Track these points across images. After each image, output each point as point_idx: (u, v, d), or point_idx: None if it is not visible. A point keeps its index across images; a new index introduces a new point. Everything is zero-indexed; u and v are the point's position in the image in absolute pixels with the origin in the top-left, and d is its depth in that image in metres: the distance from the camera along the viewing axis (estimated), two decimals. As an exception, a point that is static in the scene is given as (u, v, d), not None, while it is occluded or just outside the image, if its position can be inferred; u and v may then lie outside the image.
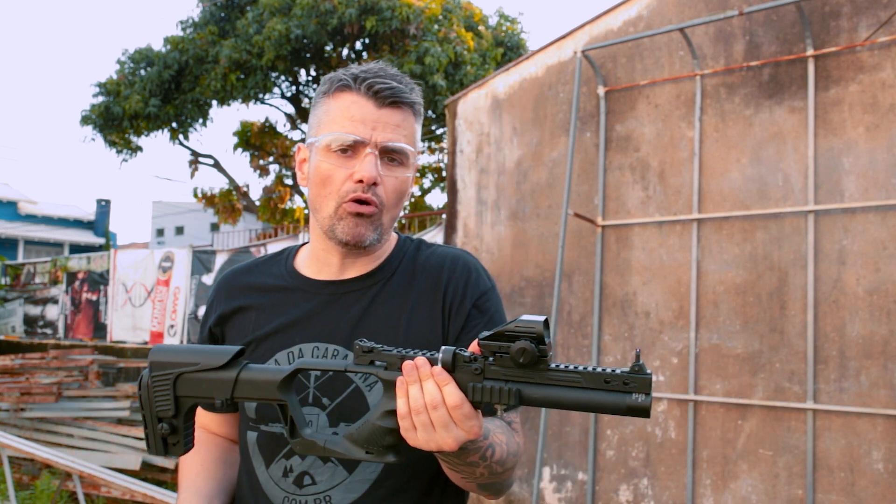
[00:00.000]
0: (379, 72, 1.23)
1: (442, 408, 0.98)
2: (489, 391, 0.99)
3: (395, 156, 1.23)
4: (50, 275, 12.42)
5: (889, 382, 3.42)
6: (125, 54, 15.07)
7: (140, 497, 5.11)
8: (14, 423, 7.43)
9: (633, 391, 0.95)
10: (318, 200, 1.25)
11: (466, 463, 1.09)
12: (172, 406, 1.12)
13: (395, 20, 12.66)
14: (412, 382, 0.99)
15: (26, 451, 5.43)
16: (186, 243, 12.55)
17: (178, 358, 1.13)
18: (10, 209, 28.61)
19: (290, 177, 16.50)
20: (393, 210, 1.26)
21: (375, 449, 1.05)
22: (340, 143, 1.20)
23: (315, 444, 1.08)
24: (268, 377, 1.09)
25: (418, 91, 1.28)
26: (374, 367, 1.05)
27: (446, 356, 1.00)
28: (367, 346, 1.05)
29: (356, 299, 1.28)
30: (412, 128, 1.25)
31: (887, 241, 3.49)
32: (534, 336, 0.96)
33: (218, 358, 1.11)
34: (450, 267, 1.31)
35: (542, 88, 4.72)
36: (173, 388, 1.12)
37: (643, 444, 4.11)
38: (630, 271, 4.25)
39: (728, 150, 3.98)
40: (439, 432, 0.99)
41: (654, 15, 4.27)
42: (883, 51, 3.56)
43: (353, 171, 1.20)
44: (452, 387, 0.98)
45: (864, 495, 3.44)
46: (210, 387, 1.11)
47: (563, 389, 0.97)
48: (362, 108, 1.21)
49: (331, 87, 1.25)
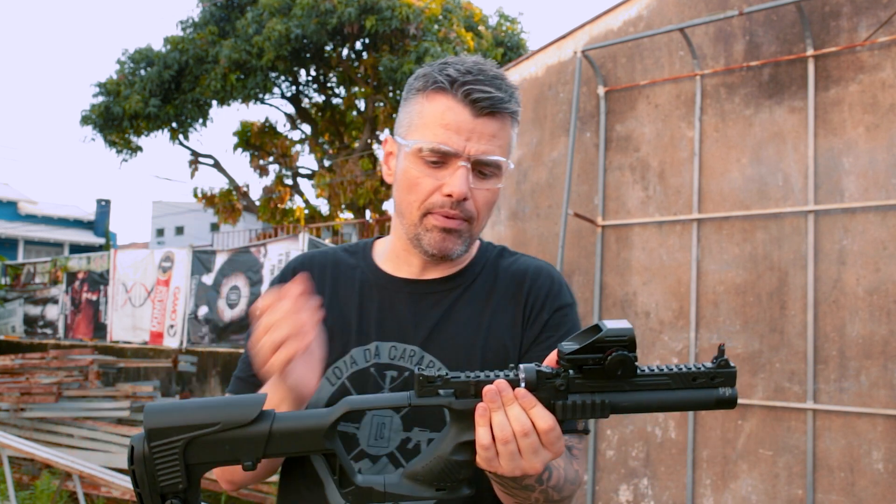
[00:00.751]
0: (479, 75, 1.15)
1: (532, 434, 0.90)
2: (578, 407, 0.93)
3: (487, 169, 1.17)
4: (50, 275, 12.43)
5: (889, 382, 3.42)
6: (125, 54, 15.09)
7: (140, 497, 5.10)
8: (14, 423, 7.43)
9: (720, 385, 0.94)
10: (404, 206, 1.19)
11: (522, 486, 1.02)
12: (183, 478, 0.94)
13: (394, 20, 12.66)
14: (496, 410, 0.91)
15: (26, 451, 5.43)
16: (186, 243, 12.56)
17: (186, 419, 0.93)
18: (10, 209, 28.61)
19: (290, 177, 16.50)
20: (483, 221, 1.21)
21: (448, 485, 0.97)
22: (431, 151, 1.14)
23: (373, 490, 0.96)
24: (309, 426, 0.95)
25: (518, 96, 1.20)
26: (442, 398, 0.94)
27: (530, 375, 0.93)
28: (430, 376, 0.94)
29: (437, 301, 1.23)
30: (508, 137, 1.19)
31: (887, 241, 3.48)
32: (626, 344, 0.92)
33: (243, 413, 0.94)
34: (533, 275, 1.26)
35: (542, 88, 4.72)
36: (182, 456, 0.93)
37: (643, 444, 4.11)
38: (630, 271, 4.25)
39: (728, 150, 3.97)
40: (527, 458, 0.92)
41: (654, 15, 4.27)
42: (883, 51, 3.56)
43: (442, 182, 1.14)
44: (541, 409, 0.91)
45: (864, 495, 3.44)
46: (235, 448, 0.94)
47: (651, 393, 0.94)
48: (458, 115, 1.13)
49: (426, 85, 1.17)
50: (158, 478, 0.93)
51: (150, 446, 0.93)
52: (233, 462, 0.94)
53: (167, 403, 0.97)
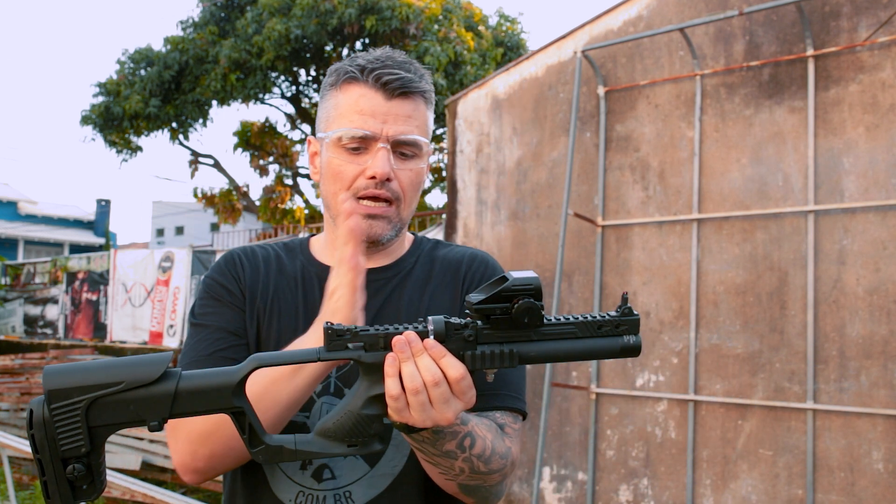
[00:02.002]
0: (387, 61, 1.19)
1: (443, 383, 0.91)
2: (487, 357, 0.94)
3: (408, 149, 1.19)
4: (50, 275, 12.43)
5: (889, 382, 3.42)
6: (125, 54, 15.08)
7: (140, 497, 5.11)
8: (14, 423, 7.43)
9: (624, 333, 0.96)
10: (330, 197, 1.22)
11: (443, 452, 1.02)
12: (86, 441, 0.90)
13: (394, 20, 12.66)
14: (405, 360, 0.92)
15: (26, 451, 5.43)
16: (186, 243, 12.56)
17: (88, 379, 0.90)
18: (10, 209, 28.62)
19: (290, 177, 16.50)
20: (410, 204, 1.23)
21: (360, 440, 0.96)
22: (350, 138, 1.17)
23: (283, 448, 0.95)
24: (217, 383, 0.92)
25: (428, 77, 1.24)
26: (351, 351, 0.93)
27: (438, 326, 0.93)
28: (339, 329, 0.93)
29: (378, 289, 1.25)
30: (424, 117, 1.22)
31: (887, 241, 3.48)
32: (533, 292, 0.93)
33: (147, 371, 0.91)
34: (468, 261, 1.30)
35: (542, 88, 4.72)
36: (85, 418, 0.90)
37: (643, 444, 4.11)
38: (630, 271, 4.25)
39: (728, 150, 3.97)
40: (438, 408, 0.92)
41: (654, 15, 4.27)
42: (883, 51, 3.56)
43: (364, 166, 1.17)
44: (451, 358, 0.92)
45: (864, 495, 3.44)
46: (140, 407, 0.90)
47: (558, 342, 0.95)
48: (371, 100, 1.17)
49: (338, 79, 1.21)
50: (60, 442, 0.90)
51: (50, 409, 0.89)
52: (138, 423, 0.92)
53: (68, 364, 0.93)
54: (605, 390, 4.24)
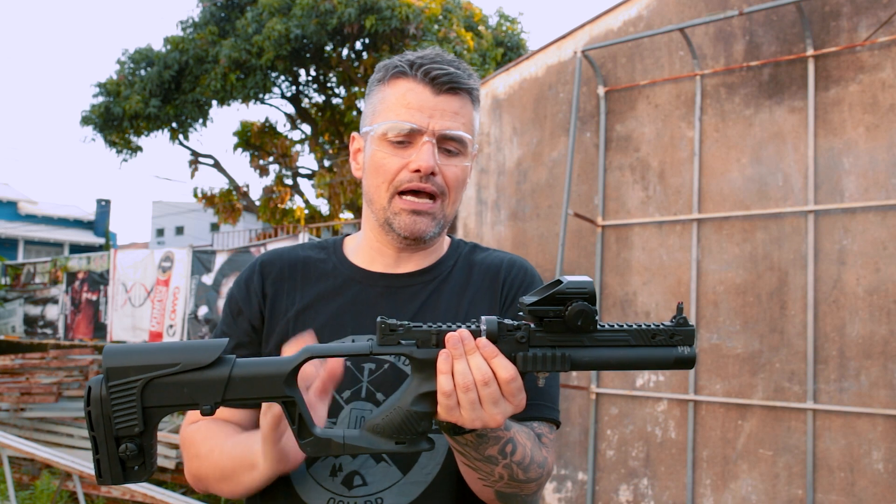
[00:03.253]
0: (436, 57, 1.18)
1: (493, 383, 0.91)
2: (539, 359, 0.93)
3: (453, 145, 1.18)
4: (50, 275, 12.42)
5: (889, 382, 3.42)
6: (125, 54, 15.08)
7: (140, 497, 5.11)
8: (14, 423, 7.43)
9: (678, 344, 0.95)
10: (372, 190, 1.21)
11: (484, 457, 1.01)
12: (140, 420, 0.91)
13: (394, 20, 12.65)
14: (458, 357, 0.91)
15: (26, 451, 5.43)
16: (186, 243, 12.56)
17: (146, 360, 0.92)
18: (10, 209, 28.61)
19: (290, 177, 16.50)
20: (455, 201, 1.21)
21: (408, 438, 0.95)
22: (397, 131, 1.15)
23: (331, 442, 0.95)
24: (270, 371, 0.94)
25: (476, 77, 1.23)
26: (403, 347, 0.93)
27: (491, 326, 0.93)
28: (392, 324, 0.94)
29: (414, 294, 1.23)
30: (470, 115, 1.20)
31: (887, 241, 3.48)
32: (587, 296, 0.92)
33: (203, 355, 0.93)
34: (507, 267, 1.28)
35: (542, 88, 4.72)
36: (140, 397, 0.91)
37: (643, 444, 4.11)
38: (630, 271, 4.25)
39: (728, 150, 3.97)
40: (487, 409, 0.91)
41: (654, 15, 4.27)
42: (883, 51, 3.56)
43: (409, 160, 1.16)
44: (502, 359, 0.92)
45: (864, 495, 3.44)
46: (194, 391, 0.92)
47: (611, 350, 0.94)
48: (419, 94, 1.16)
49: (386, 74, 1.20)
50: (115, 420, 0.91)
51: (108, 386, 0.91)
52: (191, 406, 0.93)
53: (128, 346, 0.96)
54: (605, 390, 4.24)
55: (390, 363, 1.18)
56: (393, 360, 1.18)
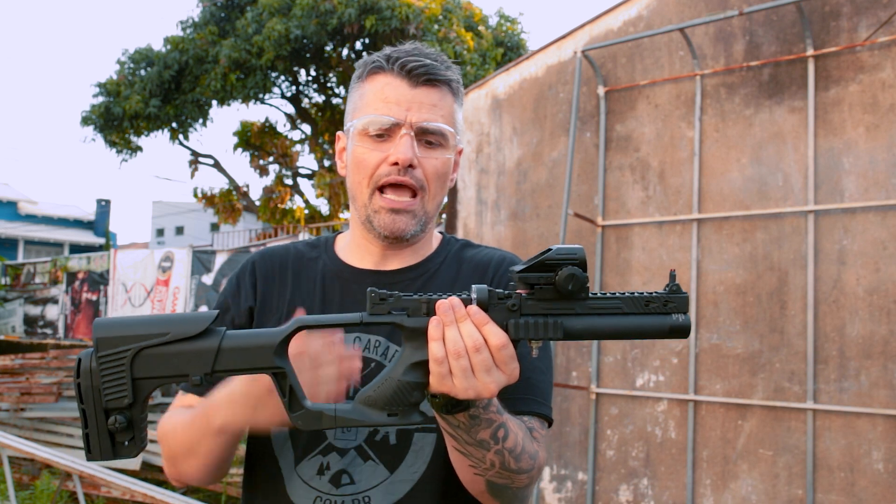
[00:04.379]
0: (413, 51, 1.18)
1: (485, 350, 0.90)
2: (531, 327, 0.92)
3: (432, 137, 1.17)
4: (50, 275, 12.42)
5: (889, 382, 3.42)
6: (125, 54, 15.09)
7: (140, 497, 5.11)
8: (14, 423, 7.43)
9: (673, 311, 0.93)
10: (354, 187, 1.21)
11: (476, 441, 1.00)
12: (129, 392, 0.90)
13: (394, 20, 12.66)
14: (449, 324, 0.91)
15: (26, 451, 5.43)
16: (186, 243, 12.55)
17: (136, 330, 0.91)
18: (10, 209, 28.61)
19: (290, 177, 16.50)
20: (436, 196, 1.20)
21: (400, 409, 0.93)
22: (375, 125, 1.15)
23: (322, 414, 0.94)
24: (260, 342, 0.93)
25: (455, 69, 1.22)
26: (394, 316, 0.93)
27: (481, 294, 0.92)
28: (382, 294, 0.92)
29: (402, 289, 1.21)
30: (450, 107, 1.20)
31: (887, 241, 3.49)
32: (577, 262, 0.91)
33: (192, 325, 0.92)
34: (497, 263, 1.27)
35: (542, 88, 4.72)
36: (130, 368, 0.90)
37: (643, 444, 4.11)
38: (630, 271, 4.25)
39: (728, 150, 3.98)
40: (480, 377, 0.90)
41: (654, 15, 4.27)
42: (883, 51, 3.56)
43: (388, 153, 1.15)
44: (493, 326, 0.91)
45: (864, 495, 3.44)
46: (184, 362, 0.91)
47: (604, 318, 0.92)
48: (396, 88, 1.16)
49: (364, 70, 1.21)
50: (104, 392, 0.90)
51: (97, 357, 0.90)
52: (181, 377, 0.91)
53: (118, 318, 0.95)
54: (605, 390, 4.24)
55: (376, 362, 1.18)
56: (379, 358, 1.19)
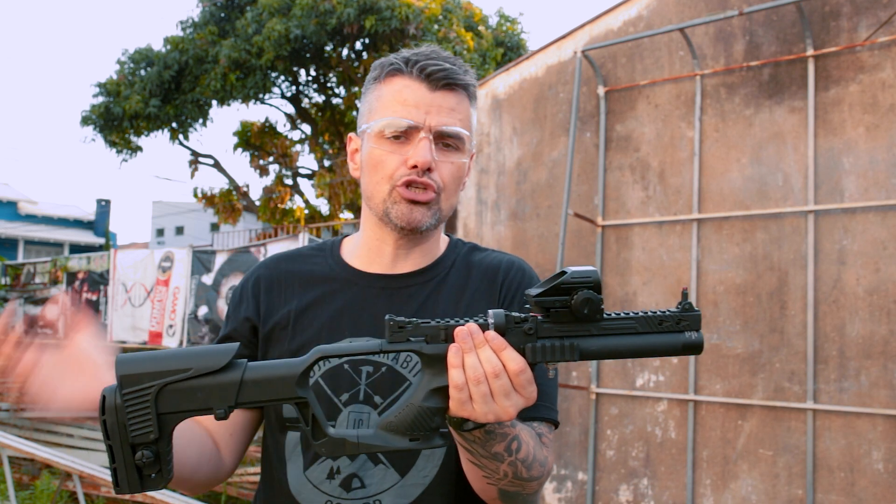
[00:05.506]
0: (431, 54, 1.19)
1: (504, 375, 0.91)
2: (548, 350, 0.93)
3: (450, 140, 1.18)
4: (50, 275, 12.42)
5: (889, 382, 3.42)
6: (125, 54, 15.08)
7: (140, 497, 5.11)
8: (14, 423, 7.43)
9: (685, 329, 0.95)
10: (371, 187, 1.20)
11: (491, 454, 1.01)
12: (155, 427, 0.92)
13: (394, 20, 12.65)
14: (468, 351, 0.92)
15: (26, 451, 5.43)
16: (186, 243, 12.56)
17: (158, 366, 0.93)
18: (10, 209, 28.61)
19: (290, 177, 16.50)
20: (451, 196, 1.21)
21: (422, 434, 0.95)
22: (394, 128, 1.16)
23: (346, 441, 0.95)
24: (282, 373, 0.95)
25: (473, 73, 1.23)
26: (413, 344, 0.94)
27: (499, 320, 0.93)
28: (401, 321, 0.94)
29: (412, 294, 1.22)
30: (467, 111, 1.21)
31: (887, 241, 3.48)
32: (592, 285, 0.92)
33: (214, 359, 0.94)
34: (506, 268, 1.27)
35: (542, 88, 4.72)
36: (154, 404, 0.92)
37: (643, 444, 4.11)
38: (630, 271, 4.25)
39: (728, 150, 3.97)
40: (499, 402, 0.92)
41: (654, 15, 4.27)
42: (883, 51, 3.56)
43: (406, 156, 1.16)
44: (511, 351, 0.92)
45: (864, 495, 3.44)
46: (207, 395, 0.93)
47: (619, 338, 0.94)
48: (415, 91, 1.16)
49: (382, 71, 1.21)
50: (130, 428, 0.92)
51: (122, 394, 0.92)
52: (205, 411, 0.94)
53: (138, 354, 0.96)
54: (605, 390, 4.24)
55: (388, 366, 1.18)
56: (391, 362, 1.18)
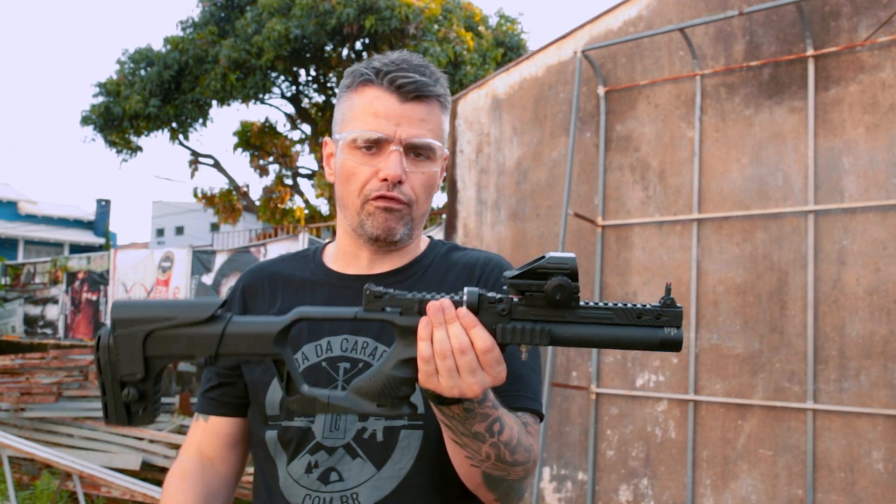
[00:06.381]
0: (402, 64, 1.20)
1: (470, 352, 0.93)
2: (518, 332, 0.94)
3: (421, 151, 1.21)
4: (50, 275, 12.42)
5: (889, 382, 3.42)
6: (125, 54, 15.08)
7: (140, 497, 5.11)
8: (14, 423, 7.43)
9: (665, 325, 0.93)
10: (345, 197, 1.23)
11: (472, 433, 1.03)
12: (141, 368, 1.00)
13: (394, 20, 12.65)
14: (438, 325, 0.94)
15: (26, 451, 5.43)
16: (186, 243, 12.55)
17: (149, 313, 1.01)
18: (10, 209, 28.61)
19: (290, 177, 16.50)
20: (423, 205, 1.24)
21: (389, 401, 0.99)
22: (364, 140, 1.18)
23: (316, 400, 1.00)
24: (261, 329, 1.00)
25: (444, 81, 1.24)
26: (387, 314, 0.98)
27: (472, 297, 0.95)
28: (378, 291, 0.98)
29: None
30: (438, 120, 1.23)
31: (887, 241, 3.49)
32: (568, 272, 0.93)
33: (199, 311, 1.00)
34: (483, 264, 1.30)
35: (542, 88, 4.72)
36: (143, 347, 1.00)
37: (643, 444, 4.11)
38: (630, 271, 4.25)
39: (728, 150, 3.98)
40: (465, 378, 0.93)
41: (654, 15, 4.27)
42: (883, 51, 3.56)
43: (377, 168, 1.18)
44: (480, 329, 0.93)
45: (864, 495, 3.44)
46: (190, 343, 1.00)
47: (594, 327, 0.94)
48: (385, 103, 1.18)
49: (353, 81, 1.22)
50: (119, 366, 1.01)
51: (113, 336, 1.01)
52: (189, 356, 1.00)
53: (134, 301, 1.05)
54: (605, 390, 4.24)
55: (365, 362, 1.21)
56: (368, 359, 1.21)
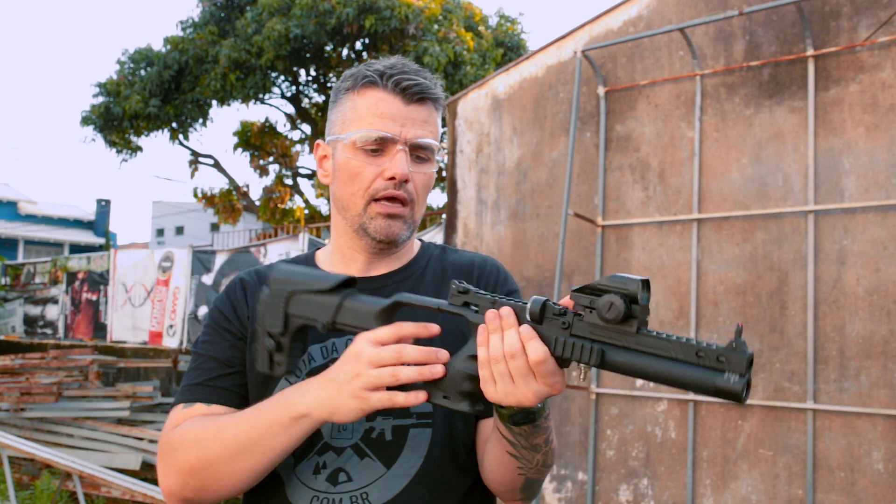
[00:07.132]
0: (403, 67, 1.24)
1: (521, 357, 0.95)
2: (570, 347, 0.94)
3: (422, 152, 1.24)
4: (50, 275, 12.42)
5: (889, 382, 3.42)
6: (125, 54, 15.07)
7: (140, 497, 5.11)
8: (14, 423, 7.43)
9: (725, 370, 0.85)
10: (346, 198, 1.24)
11: (532, 446, 1.07)
12: (281, 323, 1.14)
13: (394, 20, 12.65)
14: (493, 331, 0.98)
15: (26, 451, 5.43)
16: (186, 243, 12.55)
17: (293, 277, 1.15)
18: (10, 209, 28.61)
19: (290, 177, 16.50)
20: (421, 206, 1.28)
21: (452, 394, 1.03)
22: (371, 140, 1.20)
23: None
24: (368, 307, 1.09)
25: (440, 85, 1.29)
26: (465, 309, 1.03)
27: (535, 306, 0.97)
28: (462, 287, 1.03)
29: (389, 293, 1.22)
30: (436, 122, 1.27)
31: (887, 241, 3.49)
32: (625, 293, 0.90)
33: (326, 282, 1.13)
34: (480, 265, 1.33)
35: (542, 88, 4.72)
36: (285, 305, 1.14)
37: (643, 444, 4.11)
38: (630, 271, 4.24)
39: (728, 150, 3.98)
40: (518, 384, 0.96)
41: (654, 15, 4.27)
42: (883, 51, 3.56)
43: (382, 168, 1.21)
44: (536, 342, 0.96)
45: (864, 495, 3.44)
46: (316, 309, 1.12)
47: (649, 358, 0.90)
48: (391, 104, 1.21)
49: (356, 83, 1.25)
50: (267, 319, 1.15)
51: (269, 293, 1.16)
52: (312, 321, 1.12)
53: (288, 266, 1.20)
54: (605, 390, 4.24)
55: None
56: None
